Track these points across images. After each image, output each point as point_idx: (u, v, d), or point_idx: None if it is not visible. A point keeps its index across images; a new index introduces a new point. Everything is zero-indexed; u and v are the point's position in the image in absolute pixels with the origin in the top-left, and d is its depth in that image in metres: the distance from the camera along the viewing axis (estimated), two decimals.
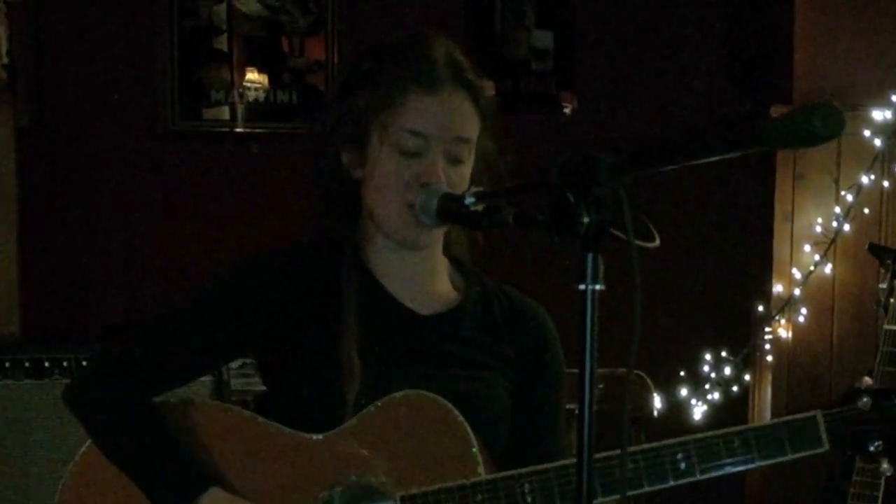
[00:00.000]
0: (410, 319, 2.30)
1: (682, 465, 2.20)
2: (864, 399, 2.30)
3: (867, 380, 2.35)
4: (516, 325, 2.38)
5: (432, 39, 2.28)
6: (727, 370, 4.99)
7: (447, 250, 2.39)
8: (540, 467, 2.17)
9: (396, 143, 2.21)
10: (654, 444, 2.22)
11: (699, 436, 2.25)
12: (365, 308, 2.25)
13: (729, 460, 2.23)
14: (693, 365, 5.05)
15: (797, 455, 2.28)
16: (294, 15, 5.77)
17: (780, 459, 2.28)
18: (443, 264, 2.38)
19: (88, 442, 2.27)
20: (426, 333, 2.30)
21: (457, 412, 2.18)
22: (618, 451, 2.10)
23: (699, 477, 2.21)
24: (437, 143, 2.20)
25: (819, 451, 2.29)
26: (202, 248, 5.67)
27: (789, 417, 2.30)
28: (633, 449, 2.19)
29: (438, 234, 2.28)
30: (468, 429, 2.18)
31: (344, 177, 2.29)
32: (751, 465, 2.26)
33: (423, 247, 2.27)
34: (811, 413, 2.31)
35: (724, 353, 5.03)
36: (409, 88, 2.21)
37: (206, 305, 2.30)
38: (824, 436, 2.29)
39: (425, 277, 2.34)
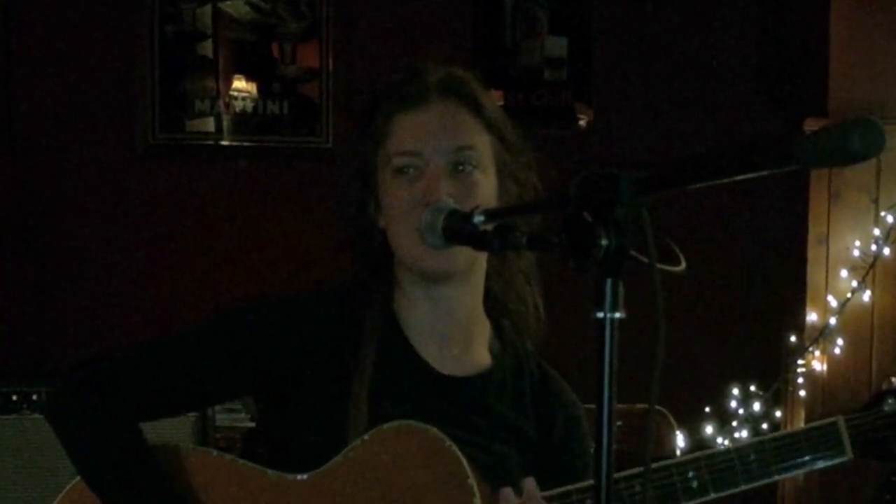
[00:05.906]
0: (426, 376, 2.33)
1: (694, 484, 2.22)
2: (890, 401, 2.31)
3: (895, 381, 2.36)
4: (545, 407, 2.41)
5: (426, 63, 2.34)
6: (756, 406, 5.00)
7: (493, 312, 2.42)
8: (544, 493, 2.20)
9: (394, 169, 2.26)
10: (663, 463, 2.25)
11: (711, 451, 2.28)
12: (383, 358, 2.29)
13: (745, 475, 2.26)
14: (719, 400, 5.06)
15: (819, 466, 2.31)
16: (285, 19, 5.79)
17: (800, 471, 2.31)
18: (481, 326, 2.41)
19: (74, 481, 2.30)
20: (439, 392, 2.32)
21: (449, 441, 2.20)
22: (624, 473, 2.16)
23: (713, 495, 2.23)
24: (433, 158, 2.24)
25: (842, 459, 2.31)
26: (185, 274, 5.67)
27: (809, 425, 2.34)
28: (639, 470, 2.21)
29: (459, 262, 2.26)
30: (462, 459, 2.20)
31: (368, 226, 2.35)
32: (769, 479, 2.28)
33: (442, 275, 2.28)
34: (832, 419, 2.34)
35: (752, 388, 5.04)
36: (394, 112, 2.29)
37: (215, 339, 2.33)
38: (847, 443, 2.32)
39: (455, 335, 2.36)
